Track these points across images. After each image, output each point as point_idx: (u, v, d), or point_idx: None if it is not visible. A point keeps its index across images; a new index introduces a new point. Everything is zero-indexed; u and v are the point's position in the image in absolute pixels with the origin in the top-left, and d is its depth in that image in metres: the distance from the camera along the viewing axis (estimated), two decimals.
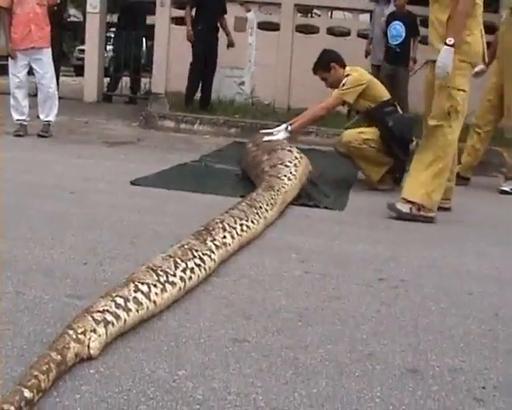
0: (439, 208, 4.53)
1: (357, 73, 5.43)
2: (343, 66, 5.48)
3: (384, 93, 5.43)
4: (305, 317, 2.51)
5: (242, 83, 10.15)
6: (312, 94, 8.30)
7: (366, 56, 8.83)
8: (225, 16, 9.29)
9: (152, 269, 2.47)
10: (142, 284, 2.35)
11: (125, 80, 11.98)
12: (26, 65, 7.05)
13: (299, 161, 4.66)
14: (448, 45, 4.21)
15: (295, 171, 4.52)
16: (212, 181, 5.34)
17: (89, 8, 11.04)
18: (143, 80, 11.81)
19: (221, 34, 9.17)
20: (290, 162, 4.59)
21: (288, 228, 3.93)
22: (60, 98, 7.68)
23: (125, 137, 7.71)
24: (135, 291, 2.29)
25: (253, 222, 3.47)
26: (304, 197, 4.69)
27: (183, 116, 8.76)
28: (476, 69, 5.86)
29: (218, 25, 9.14)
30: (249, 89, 10.13)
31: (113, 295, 2.22)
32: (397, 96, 6.62)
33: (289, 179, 4.38)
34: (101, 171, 5.40)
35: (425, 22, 9.86)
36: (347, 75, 5.37)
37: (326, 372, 2.07)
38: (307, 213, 4.38)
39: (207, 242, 2.93)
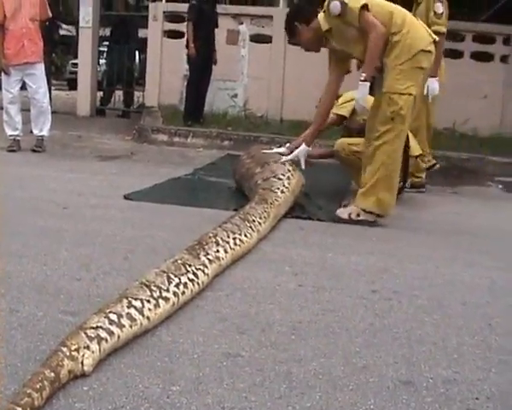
0: None
1: (349, 93, 5.48)
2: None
3: None
4: (299, 330, 2.51)
5: (235, 95, 10.18)
6: (305, 105, 8.33)
7: (358, 68, 8.84)
8: (216, 30, 9.35)
9: (145, 285, 2.48)
10: (136, 299, 2.36)
11: (119, 94, 11.99)
12: (19, 80, 7.07)
13: (292, 174, 4.66)
14: (361, 81, 4.41)
15: (288, 184, 4.52)
16: (205, 194, 5.35)
17: (81, 23, 11.05)
18: (136, 93, 11.81)
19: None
20: (283, 175, 4.59)
21: (282, 241, 3.93)
22: (53, 112, 7.70)
23: (119, 151, 7.72)
24: (128, 307, 2.30)
25: (246, 236, 3.47)
26: (297, 210, 4.71)
27: (176, 129, 8.78)
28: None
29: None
30: (242, 101, 10.16)
31: (107, 311, 2.22)
32: None
33: (282, 192, 4.39)
34: (94, 185, 5.41)
35: None
36: (339, 97, 5.44)
37: (320, 386, 2.07)
38: (301, 225, 4.38)
39: (201, 256, 2.93)
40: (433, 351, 2.41)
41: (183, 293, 2.63)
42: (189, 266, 2.78)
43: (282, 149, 5.24)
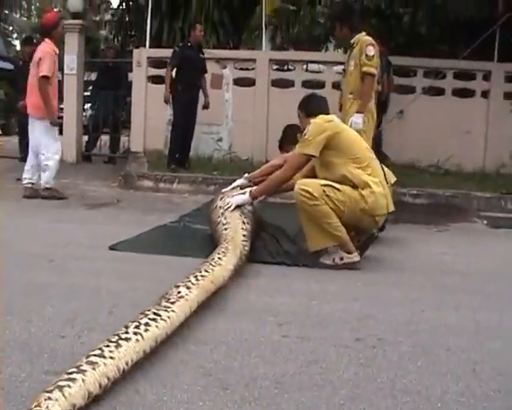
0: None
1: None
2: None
3: None
4: (283, 384, 2.51)
5: (220, 139, 10.25)
6: None
7: (340, 109, 8.91)
8: (205, 75, 9.44)
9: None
10: (93, 350, 2.39)
11: (105, 139, 12.02)
12: None
13: (222, 211, 4.87)
14: (250, 195, 4.91)
15: (225, 219, 4.74)
16: (190, 243, 5.33)
17: (66, 70, 11.13)
18: (123, 139, 11.83)
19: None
20: (219, 217, 4.85)
21: (266, 289, 3.94)
22: None
23: (105, 199, 7.74)
24: (87, 357, 2.33)
25: (206, 271, 3.48)
26: (282, 255, 4.72)
27: (161, 175, 8.81)
28: None
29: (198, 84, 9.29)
30: (227, 145, 10.23)
31: (64, 373, 2.25)
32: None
33: (226, 229, 4.56)
34: (80, 235, 5.42)
35: (398, 71, 10.07)
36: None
37: None
38: (285, 272, 4.39)
39: (162, 302, 2.97)
40: (417, 401, 2.41)
41: (147, 330, 2.64)
42: (148, 311, 2.81)
43: (240, 181, 5.37)
